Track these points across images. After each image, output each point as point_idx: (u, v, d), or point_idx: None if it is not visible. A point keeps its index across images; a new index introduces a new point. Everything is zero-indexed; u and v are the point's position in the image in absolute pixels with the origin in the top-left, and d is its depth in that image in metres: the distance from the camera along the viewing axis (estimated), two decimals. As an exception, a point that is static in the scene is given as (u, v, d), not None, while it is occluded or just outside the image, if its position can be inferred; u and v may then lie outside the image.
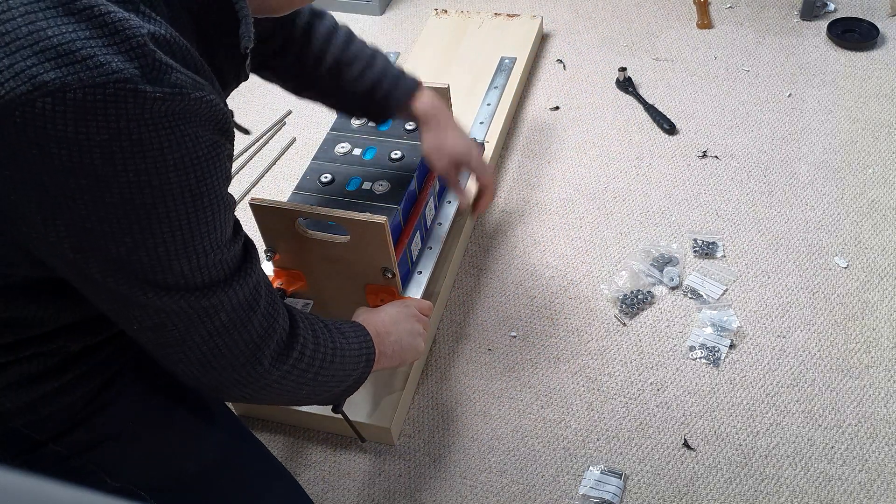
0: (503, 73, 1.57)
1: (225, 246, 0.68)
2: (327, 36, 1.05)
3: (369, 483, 1.07)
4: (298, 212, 1.02)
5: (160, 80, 0.57)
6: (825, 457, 1.04)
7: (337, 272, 1.08)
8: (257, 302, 0.72)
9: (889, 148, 1.44)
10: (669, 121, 1.53)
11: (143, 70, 0.56)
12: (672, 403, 1.11)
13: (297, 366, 0.77)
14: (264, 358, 0.73)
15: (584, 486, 1.03)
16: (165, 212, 0.61)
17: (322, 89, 1.09)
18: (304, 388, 0.81)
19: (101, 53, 0.55)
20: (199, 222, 0.64)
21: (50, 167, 0.56)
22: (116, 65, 0.55)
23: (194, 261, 0.65)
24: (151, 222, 0.61)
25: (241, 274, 0.70)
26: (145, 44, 0.57)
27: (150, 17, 0.60)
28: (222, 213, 0.67)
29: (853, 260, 1.27)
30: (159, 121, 0.58)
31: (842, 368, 1.13)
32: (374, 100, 1.07)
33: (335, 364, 0.83)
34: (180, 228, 0.63)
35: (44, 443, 0.74)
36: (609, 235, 1.35)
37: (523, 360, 1.18)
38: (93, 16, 0.56)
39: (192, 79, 0.61)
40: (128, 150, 0.57)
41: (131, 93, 0.56)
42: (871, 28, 1.68)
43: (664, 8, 1.84)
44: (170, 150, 0.59)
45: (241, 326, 0.71)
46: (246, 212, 1.01)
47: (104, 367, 0.76)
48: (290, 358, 0.76)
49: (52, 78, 0.53)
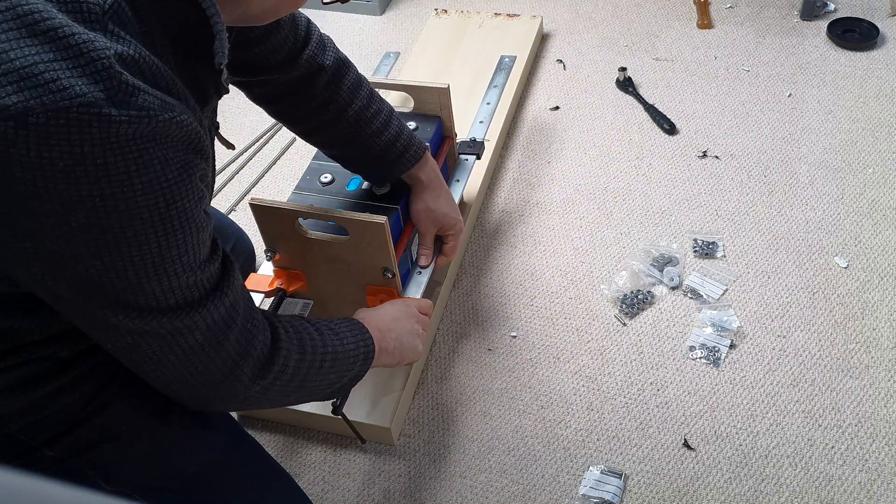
0: (503, 71, 1.57)
1: (199, 267, 0.67)
2: (352, 89, 1.03)
3: (369, 483, 1.07)
4: (298, 212, 1.02)
5: (126, 103, 0.56)
6: (825, 457, 1.04)
7: (337, 272, 1.08)
8: (234, 320, 0.71)
9: (889, 148, 1.44)
10: (669, 121, 1.53)
11: (109, 93, 0.55)
12: (672, 403, 1.11)
13: (280, 378, 0.77)
14: (243, 374, 0.73)
15: (584, 486, 1.03)
16: (134, 235, 0.60)
17: (332, 140, 1.07)
18: (292, 395, 0.81)
19: (64, 77, 0.54)
20: (169, 245, 0.63)
21: (14, 191, 0.55)
22: (80, 88, 0.54)
23: (166, 283, 0.64)
24: (120, 246, 0.60)
25: (216, 293, 0.69)
26: (111, 66, 0.56)
27: (119, 37, 0.58)
28: (195, 234, 0.66)
29: (853, 260, 1.27)
30: (126, 144, 0.57)
31: (842, 368, 1.13)
32: (385, 161, 1.06)
33: (324, 368, 0.82)
34: (150, 252, 0.62)
35: (38, 447, 0.74)
36: (609, 235, 1.35)
37: (523, 360, 1.18)
38: (57, 38, 0.54)
39: (162, 100, 0.59)
40: (92, 175, 0.56)
41: (95, 117, 0.55)
42: (871, 28, 1.68)
43: (664, 8, 1.84)
44: (137, 173, 0.58)
45: (216, 345, 0.70)
46: (246, 212, 1.01)
47: (101, 367, 0.76)
48: (270, 372, 0.76)
49: (15, 102, 0.53)
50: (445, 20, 1.78)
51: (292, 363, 0.78)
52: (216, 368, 0.71)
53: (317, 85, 1.01)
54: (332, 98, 1.02)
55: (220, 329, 0.70)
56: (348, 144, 1.06)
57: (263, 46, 0.94)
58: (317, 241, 1.04)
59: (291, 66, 0.98)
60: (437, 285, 1.23)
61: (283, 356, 0.77)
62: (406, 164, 1.08)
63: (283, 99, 1.02)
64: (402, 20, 1.91)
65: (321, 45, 1.01)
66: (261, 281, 1.12)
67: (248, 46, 0.93)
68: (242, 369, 0.73)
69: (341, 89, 1.02)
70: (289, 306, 1.11)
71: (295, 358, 0.78)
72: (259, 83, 1.00)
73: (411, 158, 1.08)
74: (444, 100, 1.21)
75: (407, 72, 1.66)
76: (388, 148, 1.05)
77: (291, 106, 1.03)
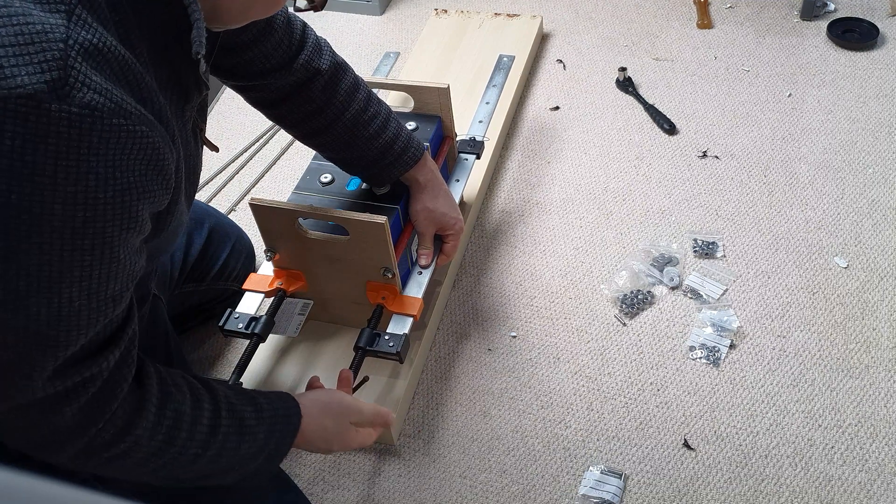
0: (502, 71, 1.57)
1: (100, 304, 0.61)
2: (349, 92, 1.02)
3: (369, 483, 1.07)
4: (298, 212, 1.02)
5: (70, 98, 0.52)
6: (825, 457, 1.04)
7: (337, 272, 1.08)
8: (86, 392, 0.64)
9: (889, 148, 1.44)
10: (669, 121, 1.53)
11: (53, 85, 0.52)
12: (672, 403, 1.11)
13: (132, 455, 0.70)
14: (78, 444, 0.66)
15: (584, 486, 1.03)
16: (38, 243, 0.55)
17: (330, 143, 1.06)
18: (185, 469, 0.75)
19: (8, 65, 0.51)
20: (72, 265, 0.57)
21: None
22: (22, 78, 0.51)
23: (55, 304, 0.58)
24: (19, 253, 0.55)
25: (99, 356, 0.64)
26: (62, 57, 0.52)
27: (85, 24, 0.55)
28: (107, 264, 0.60)
29: (853, 260, 1.27)
30: (63, 148, 0.53)
31: (842, 368, 1.13)
32: (383, 163, 1.06)
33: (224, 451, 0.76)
34: (49, 264, 0.56)
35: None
36: (609, 235, 1.35)
37: (523, 360, 1.18)
38: (9, 23, 0.52)
39: (116, 103, 0.55)
40: (17, 171, 0.52)
41: (34, 109, 0.51)
42: (871, 28, 1.68)
43: (664, 8, 1.84)
44: (65, 182, 0.54)
45: (55, 414, 0.63)
46: (246, 212, 1.01)
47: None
48: (123, 441, 0.69)
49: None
50: (445, 20, 1.78)
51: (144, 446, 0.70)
52: (53, 431, 0.65)
53: (313, 89, 1.00)
54: (328, 102, 1.01)
55: (57, 402, 0.63)
56: (346, 147, 1.05)
57: (257, 51, 0.94)
58: (317, 240, 1.04)
59: (287, 71, 0.97)
60: (437, 285, 1.24)
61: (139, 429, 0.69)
62: (404, 167, 1.07)
63: (279, 103, 1.01)
64: (402, 20, 1.91)
65: (317, 50, 1.00)
66: (261, 281, 1.12)
67: (240, 51, 0.92)
68: (72, 444, 0.66)
69: (338, 93, 1.01)
70: (289, 306, 1.11)
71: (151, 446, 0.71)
72: (255, 87, 0.99)
73: (409, 161, 1.07)
74: (444, 100, 1.21)
75: (407, 72, 1.66)
76: (386, 150, 1.05)
77: (288, 110, 1.02)
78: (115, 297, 0.63)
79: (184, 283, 1.16)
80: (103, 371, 0.65)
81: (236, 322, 1.06)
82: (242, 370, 1.03)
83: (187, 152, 0.75)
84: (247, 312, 1.08)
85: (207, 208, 1.25)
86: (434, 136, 1.21)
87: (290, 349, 1.17)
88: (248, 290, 1.11)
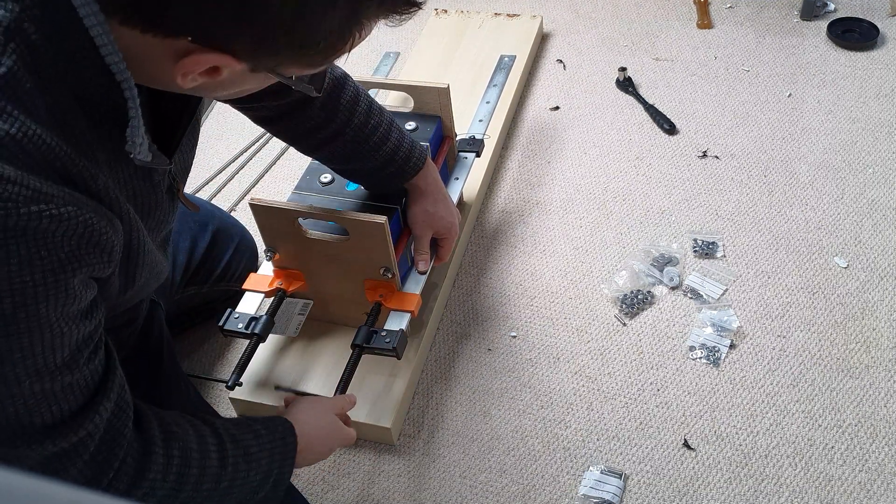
0: (502, 70, 1.57)
1: (52, 373, 0.60)
2: (349, 107, 1.01)
3: (369, 483, 1.07)
4: (298, 212, 1.02)
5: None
6: (825, 457, 1.04)
7: (337, 272, 1.08)
8: (80, 455, 0.64)
9: (889, 148, 1.44)
10: (669, 121, 1.53)
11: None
12: (672, 403, 1.11)
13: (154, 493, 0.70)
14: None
15: (584, 486, 1.03)
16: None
17: (333, 156, 1.06)
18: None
19: None
20: (11, 350, 0.56)
21: None
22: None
23: (3, 390, 0.57)
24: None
25: (79, 415, 0.62)
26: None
27: (4, 112, 0.53)
28: (49, 340, 0.58)
29: (853, 260, 1.26)
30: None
31: (842, 368, 1.13)
32: (386, 173, 1.06)
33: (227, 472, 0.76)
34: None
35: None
36: (609, 235, 1.35)
37: (523, 360, 1.18)
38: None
39: (33, 189, 0.54)
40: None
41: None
42: (871, 28, 1.68)
43: (664, 8, 1.84)
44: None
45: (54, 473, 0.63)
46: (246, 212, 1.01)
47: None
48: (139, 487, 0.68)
49: None
50: (445, 20, 1.78)
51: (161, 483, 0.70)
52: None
53: (312, 107, 0.99)
54: (329, 118, 1.00)
55: (61, 461, 0.62)
56: (348, 160, 1.05)
57: None
58: (317, 240, 1.04)
59: (284, 93, 0.94)
60: (435, 287, 1.23)
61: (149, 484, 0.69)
62: (406, 176, 1.07)
63: (278, 121, 1.00)
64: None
65: None
66: (261, 281, 1.12)
67: None
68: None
69: (338, 108, 1.00)
70: (289, 306, 1.11)
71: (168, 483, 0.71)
72: (251, 109, 0.98)
73: (411, 171, 1.07)
74: (444, 100, 1.21)
75: (407, 72, 1.66)
76: (388, 161, 1.05)
77: (288, 128, 1.02)
78: (67, 363, 0.61)
79: (186, 287, 1.16)
80: (98, 426, 0.64)
81: (236, 322, 1.06)
82: (242, 370, 1.03)
83: (159, 214, 0.74)
84: (247, 312, 1.08)
85: (212, 208, 1.25)
86: (434, 136, 1.21)
87: (290, 349, 1.17)
88: (248, 289, 1.11)
